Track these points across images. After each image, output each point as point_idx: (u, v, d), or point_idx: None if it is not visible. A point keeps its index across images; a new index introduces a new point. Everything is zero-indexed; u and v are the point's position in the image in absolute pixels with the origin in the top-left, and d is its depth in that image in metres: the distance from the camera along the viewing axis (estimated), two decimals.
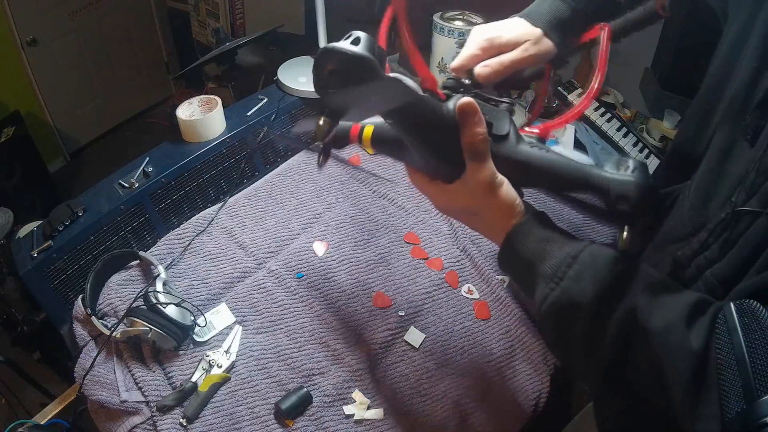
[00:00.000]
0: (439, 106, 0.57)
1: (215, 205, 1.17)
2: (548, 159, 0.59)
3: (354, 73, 0.54)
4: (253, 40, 1.69)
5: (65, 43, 2.63)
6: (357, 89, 0.55)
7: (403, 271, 1.06)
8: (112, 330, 0.87)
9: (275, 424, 0.82)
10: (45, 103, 2.62)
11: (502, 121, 0.60)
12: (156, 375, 0.86)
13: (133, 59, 3.05)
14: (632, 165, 0.59)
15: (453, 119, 0.57)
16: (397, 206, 1.20)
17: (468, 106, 0.56)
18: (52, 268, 0.97)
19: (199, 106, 1.23)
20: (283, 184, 1.23)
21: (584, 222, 1.23)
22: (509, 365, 0.94)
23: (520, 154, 0.60)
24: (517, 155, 0.60)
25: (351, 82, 0.55)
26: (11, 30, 2.34)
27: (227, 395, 0.84)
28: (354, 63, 0.53)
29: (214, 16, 2.68)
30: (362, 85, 0.55)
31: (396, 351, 0.94)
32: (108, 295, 0.96)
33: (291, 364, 0.90)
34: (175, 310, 0.87)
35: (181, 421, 0.80)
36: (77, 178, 2.82)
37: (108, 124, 3.07)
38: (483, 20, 1.41)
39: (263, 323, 0.95)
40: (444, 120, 0.57)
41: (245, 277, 1.03)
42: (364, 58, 0.53)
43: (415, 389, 0.89)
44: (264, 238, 1.10)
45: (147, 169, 1.10)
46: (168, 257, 1.04)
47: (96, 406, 0.85)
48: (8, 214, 1.28)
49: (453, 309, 1.01)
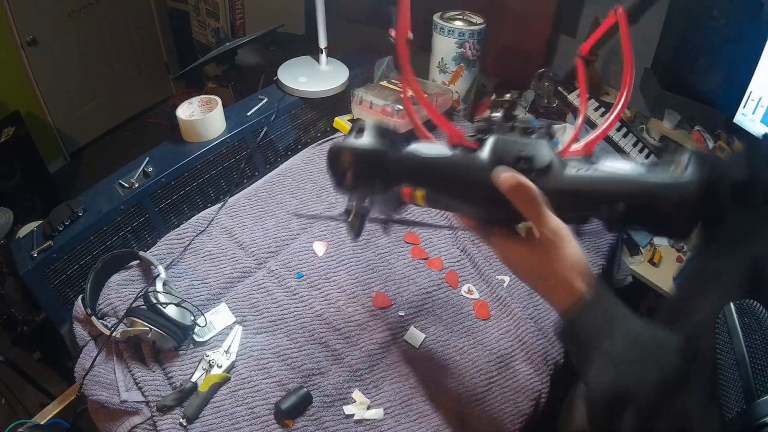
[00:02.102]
0: (470, 159, 0.56)
1: (215, 205, 1.16)
2: (597, 179, 0.54)
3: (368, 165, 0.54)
4: (253, 40, 1.69)
5: (65, 43, 2.62)
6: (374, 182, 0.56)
7: (403, 271, 1.06)
8: (112, 330, 0.86)
9: (275, 424, 0.82)
10: (45, 103, 2.62)
11: (541, 152, 0.55)
12: (156, 375, 0.86)
13: (133, 59, 3.05)
14: (686, 160, 0.52)
15: (486, 167, 0.55)
16: None
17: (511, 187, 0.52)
18: (52, 268, 0.97)
19: (199, 106, 1.23)
20: (283, 184, 1.23)
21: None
22: (509, 365, 0.94)
23: (567, 182, 0.55)
24: (565, 184, 0.55)
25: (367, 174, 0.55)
26: (11, 30, 2.34)
27: (227, 395, 0.84)
28: (365, 157, 0.54)
29: (214, 16, 2.68)
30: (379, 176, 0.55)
31: (396, 351, 0.94)
32: (108, 295, 0.96)
33: (291, 364, 0.90)
34: (175, 310, 0.87)
35: (181, 421, 0.80)
36: (77, 178, 2.81)
37: (108, 124, 3.07)
38: (483, 20, 1.41)
39: (263, 323, 0.95)
40: (478, 172, 0.55)
41: (245, 277, 1.03)
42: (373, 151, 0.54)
43: (415, 389, 0.89)
44: (264, 238, 1.10)
45: (147, 169, 1.10)
46: (168, 257, 1.04)
47: (96, 406, 0.85)
48: (8, 214, 1.28)
49: (453, 309, 1.01)
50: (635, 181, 0.53)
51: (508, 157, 0.55)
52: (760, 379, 0.40)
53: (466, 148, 0.58)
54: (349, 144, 0.55)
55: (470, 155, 0.57)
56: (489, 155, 0.56)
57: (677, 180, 0.51)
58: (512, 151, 0.55)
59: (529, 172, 0.54)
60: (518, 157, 0.55)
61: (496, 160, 0.55)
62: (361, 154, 0.54)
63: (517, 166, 0.54)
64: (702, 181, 0.50)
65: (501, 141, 0.56)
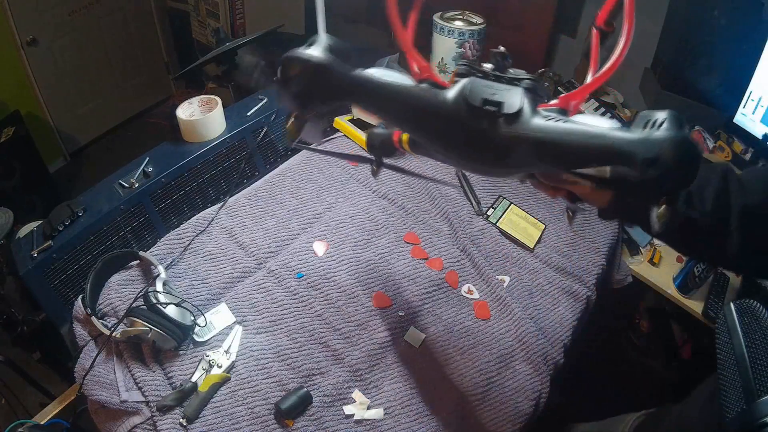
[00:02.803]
0: (432, 93, 0.55)
1: (215, 205, 1.16)
2: (564, 129, 0.53)
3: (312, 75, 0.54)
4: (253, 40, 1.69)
5: (65, 43, 2.62)
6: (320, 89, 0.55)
7: (403, 271, 1.06)
8: (112, 330, 0.86)
9: (275, 424, 0.82)
10: (45, 103, 2.62)
11: (512, 98, 0.54)
12: (156, 375, 0.86)
13: (133, 59, 3.05)
14: (661, 117, 0.49)
15: (448, 103, 0.54)
16: (397, 206, 1.20)
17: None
18: (52, 268, 0.97)
19: (199, 106, 1.23)
20: (283, 184, 1.23)
21: (584, 220, 1.23)
22: (509, 365, 0.94)
23: (534, 130, 0.53)
24: (530, 132, 0.53)
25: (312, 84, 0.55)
26: (11, 30, 2.34)
27: (227, 395, 0.84)
28: (310, 66, 0.54)
29: (214, 16, 2.68)
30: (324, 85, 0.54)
31: (396, 351, 0.94)
32: (108, 295, 0.96)
33: (291, 364, 0.90)
34: (175, 310, 0.87)
35: (181, 421, 0.80)
36: (77, 178, 2.81)
37: (108, 124, 3.07)
38: (483, 20, 1.41)
39: (263, 323, 0.95)
40: (436, 107, 0.54)
41: (245, 277, 1.03)
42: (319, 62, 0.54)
43: (415, 389, 0.89)
44: (264, 238, 1.10)
45: (147, 169, 1.10)
46: (168, 257, 1.04)
47: (96, 406, 0.85)
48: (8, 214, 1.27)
49: (453, 309, 1.01)
50: (603, 135, 0.51)
51: (476, 99, 0.53)
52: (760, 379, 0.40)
53: (433, 83, 0.56)
54: (296, 53, 0.55)
55: (433, 90, 0.55)
56: (454, 93, 0.55)
57: (648, 136, 0.48)
58: (482, 93, 0.54)
59: (495, 116, 0.53)
60: (486, 100, 0.53)
61: (462, 99, 0.54)
62: (304, 64, 0.54)
63: (483, 109, 0.53)
64: (675, 139, 0.47)
65: (473, 82, 0.55)
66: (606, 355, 1.58)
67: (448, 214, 1.18)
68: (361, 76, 0.57)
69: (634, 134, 0.49)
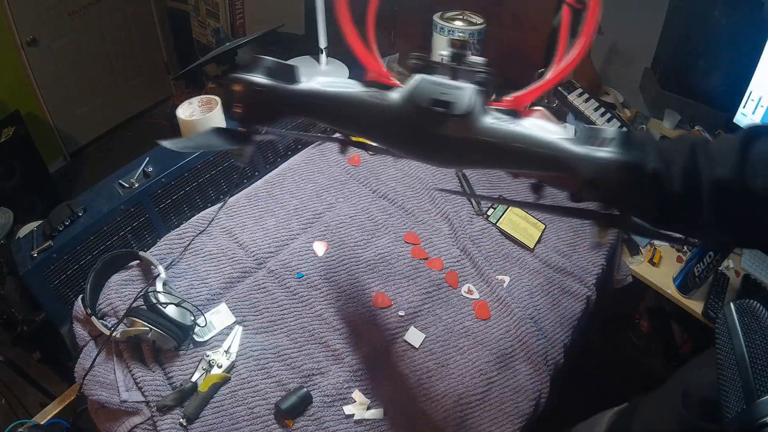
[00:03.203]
0: (378, 98, 0.54)
1: (215, 205, 1.16)
2: (511, 134, 0.51)
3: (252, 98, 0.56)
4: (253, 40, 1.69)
5: (65, 43, 2.62)
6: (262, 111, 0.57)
7: (403, 271, 1.06)
8: (112, 330, 0.86)
9: (275, 424, 0.82)
10: (45, 103, 2.62)
11: (461, 98, 0.52)
12: (156, 375, 0.86)
13: (133, 59, 3.05)
14: (609, 135, 0.47)
15: (395, 107, 0.53)
16: (397, 206, 1.20)
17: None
18: (52, 268, 0.97)
19: (199, 106, 1.23)
20: (283, 184, 1.23)
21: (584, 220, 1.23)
22: (509, 365, 0.94)
23: (481, 132, 0.52)
24: (478, 134, 0.52)
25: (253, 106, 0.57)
26: (11, 30, 2.34)
27: (227, 395, 0.84)
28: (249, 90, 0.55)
29: (214, 16, 2.67)
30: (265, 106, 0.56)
31: (396, 351, 0.94)
32: (108, 295, 0.96)
33: (291, 364, 0.90)
34: (175, 310, 0.87)
35: (181, 421, 0.80)
36: (77, 178, 2.81)
37: (108, 124, 3.06)
38: (483, 20, 1.41)
39: (263, 323, 0.95)
40: (384, 112, 0.54)
41: (245, 277, 1.03)
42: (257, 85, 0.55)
43: (415, 389, 0.89)
44: (264, 238, 1.10)
45: (147, 169, 1.10)
46: (168, 257, 1.04)
47: (96, 406, 0.85)
48: (8, 214, 1.27)
49: (453, 309, 1.01)
50: (549, 144, 0.50)
51: (424, 100, 0.52)
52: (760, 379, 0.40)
53: (383, 85, 0.56)
54: (236, 78, 0.56)
55: (381, 93, 0.55)
56: (403, 95, 0.54)
57: (590, 153, 0.46)
58: (431, 93, 0.53)
59: (444, 117, 0.52)
60: (435, 100, 0.52)
61: (410, 100, 0.53)
62: (244, 88, 0.55)
63: (432, 110, 0.52)
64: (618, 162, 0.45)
65: (422, 82, 0.54)
66: (606, 355, 1.58)
67: (448, 214, 1.18)
68: (304, 90, 0.57)
69: (578, 149, 0.48)
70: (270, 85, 0.56)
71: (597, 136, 0.48)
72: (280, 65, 0.57)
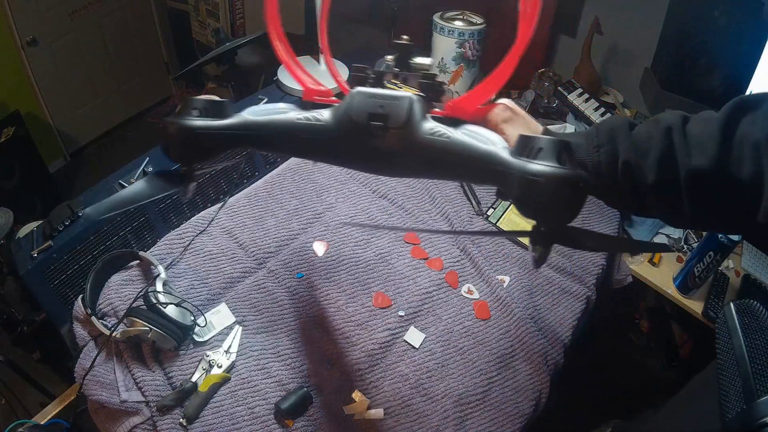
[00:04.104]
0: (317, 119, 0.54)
1: (215, 205, 1.16)
2: (448, 146, 0.50)
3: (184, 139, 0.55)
4: (253, 40, 1.69)
5: (65, 43, 2.62)
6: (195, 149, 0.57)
7: (403, 271, 1.06)
8: (112, 330, 0.86)
9: (275, 424, 0.82)
10: (45, 103, 2.62)
11: (398, 110, 0.51)
12: (156, 375, 0.86)
13: (133, 59, 3.05)
14: (539, 145, 0.45)
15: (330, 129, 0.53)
16: (397, 206, 1.20)
17: None
18: (52, 268, 0.97)
19: None
20: (283, 184, 1.23)
21: (584, 220, 1.23)
22: (509, 365, 0.94)
23: (420, 144, 0.51)
24: (416, 145, 0.51)
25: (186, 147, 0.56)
26: (11, 30, 2.34)
27: (227, 395, 0.84)
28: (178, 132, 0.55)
29: (214, 16, 2.67)
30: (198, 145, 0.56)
31: (396, 351, 0.94)
32: (108, 295, 0.96)
33: (291, 364, 0.90)
34: (175, 310, 0.87)
35: (181, 421, 0.80)
36: (77, 178, 2.81)
37: (108, 124, 3.06)
38: (483, 20, 1.41)
39: (263, 323, 0.95)
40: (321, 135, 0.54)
41: (245, 277, 1.03)
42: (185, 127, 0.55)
43: (415, 389, 0.89)
44: (264, 238, 1.10)
45: (147, 169, 1.10)
46: (168, 257, 1.04)
47: (96, 406, 0.85)
48: (8, 214, 1.27)
49: (453, 309, 1.01)
50: (482, 156, 0.48)
51: (361, 116, 0.51)
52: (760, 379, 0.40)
53: (321, 104, 0.56)
54: (165, 121, 0.56)
55: (316, 113, 0.54)
56: (339, 113, 0.53)
57: (524, 166, 0.44)
58: (367, 107, 0.52)
59: (382, 130, 0.51)
60: (371, 114, 0.51)
61: (347, 118, 0.52)
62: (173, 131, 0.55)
63: (370, 125, 0.51)
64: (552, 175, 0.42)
65: (357, 96, 0.53)
66: (606, 355, 1.58)
67: (448, 214, 1.18)
68: (234, 124, 0.56)
69: (513, 160, 0.46)
70: (201, 125, 0.55)
71: (530, 146, 0.46)
72: (210, 103, 0.57)
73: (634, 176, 0.50)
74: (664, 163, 0.48)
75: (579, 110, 1.52)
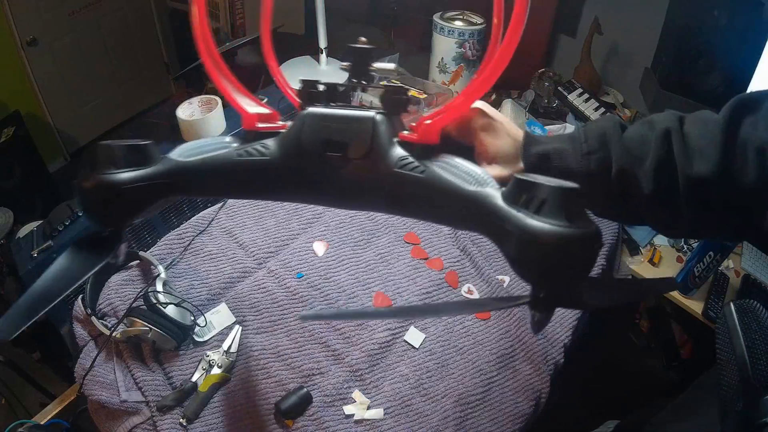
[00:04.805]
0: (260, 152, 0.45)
1: (215, 205, 1.16)
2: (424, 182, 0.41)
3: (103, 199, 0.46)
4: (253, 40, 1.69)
5: (65, 43, 2.62)
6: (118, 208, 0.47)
7: (403, 271, 1.06)
8: (112, 330, 0.86)
9: (275, 424, 0.82)
10: (45, 103, 2.62)
11: (359, 136, 0.42)
12: (156, 375, 0.86)
13: (133, 59, 3.05)
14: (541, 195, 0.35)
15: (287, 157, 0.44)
16: None
17: None
18: None
19: (199, 106, 1.23)
20: None
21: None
22: (509, 365, 0.94)
23: (386, 177, 0.42)
24: (382, 179, 0.42)
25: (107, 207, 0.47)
26: (11, 30, 2.34)
27: (227, 395, 0.84)
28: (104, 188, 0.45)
29: (214, 16, 2.67)
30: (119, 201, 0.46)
31: (396, 351, 0.94)
32: (108, 295, 0.96)
33: (291, 364, 0.90)
34: (175, 310, 0.87)
35: (181, 421, 0.80)
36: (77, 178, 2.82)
37: (108, 124, 3.06)
38: (483, 20, 1.41)
39: (263, 323, 0.95)
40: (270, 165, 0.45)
41: (245, 277, 1.03)
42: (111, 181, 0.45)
43: (415, 389, 0.89)
44: (264, 238, 1.10)
45: None
46: (168, 257, 1.04)
47: (96, 406, 0.85)
48: (8, 214, 1.28)
49: None
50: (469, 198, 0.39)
51: (313, 144, 0.43)
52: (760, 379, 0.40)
53: (262, 133, 0.46)
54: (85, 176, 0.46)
55: (258, 146, 0.45)
56: (283, 143, 0.44)
57: (522, 221, 0.35)
58: (322, 132, 0.43)
59: (342, 162, 0.42)
60: (326, 141, 0.42)
61: (297, 147, 0.43)
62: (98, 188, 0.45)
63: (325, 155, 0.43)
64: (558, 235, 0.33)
65: (309, 119, 0.44)
66: (606, 355, 1.58)
67: None
68: (162, 170, 0.47)
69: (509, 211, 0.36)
70: (129, 178, 0.45)
71: (528, 194, 0.36)
72: (130, 148, 0.47)
73: (629, 185, 0.46)
74: (662, 170, 0.45)
75: (579, 110, 1.52)
